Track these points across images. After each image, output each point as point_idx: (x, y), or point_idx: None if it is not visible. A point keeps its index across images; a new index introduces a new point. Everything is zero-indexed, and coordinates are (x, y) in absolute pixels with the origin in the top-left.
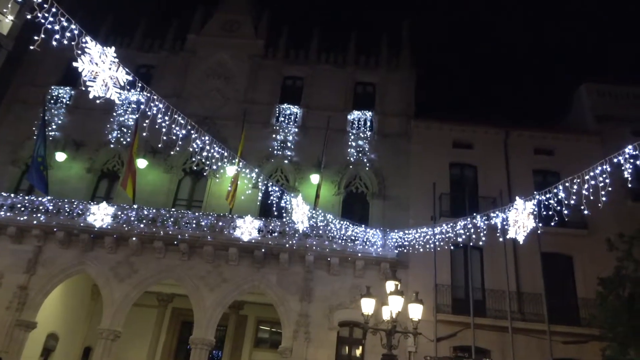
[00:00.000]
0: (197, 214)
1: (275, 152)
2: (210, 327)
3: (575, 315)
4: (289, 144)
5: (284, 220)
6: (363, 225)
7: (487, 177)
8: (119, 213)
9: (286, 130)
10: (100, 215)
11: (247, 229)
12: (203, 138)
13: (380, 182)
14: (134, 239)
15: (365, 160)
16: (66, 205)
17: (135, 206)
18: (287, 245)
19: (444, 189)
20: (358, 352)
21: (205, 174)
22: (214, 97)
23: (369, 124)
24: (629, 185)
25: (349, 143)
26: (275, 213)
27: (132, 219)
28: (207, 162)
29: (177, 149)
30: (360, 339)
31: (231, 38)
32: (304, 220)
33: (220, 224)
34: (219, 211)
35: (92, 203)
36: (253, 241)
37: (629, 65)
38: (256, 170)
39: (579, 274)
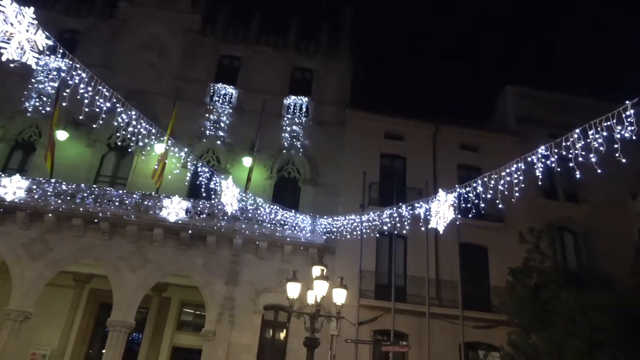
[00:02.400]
0: (120, 191)
1: (207, 132)
2: (131, 309)
3: (487, 302)
4: (222, 125)
5: (213, 202)
6: (293, 211)
7: (415, 169)
8: (34, 187)
9: (220, 111)
10: (12, 188)
11: (174, 209)
12: (129, 112)
13: (313, 169)
14: (49, 215)
15: (299, 146)
16: None
17: (52, 180)
18: (215, 228)
19: (374, 178)
20: (282, 335)
21: (130, 150)
22: (145, 71)
23: (304, 110)
24: (540, 184)
25: (284, 128)
26: (204, 194)
27: (49, 194)
28: (133, 138)
29: (100, 122)
30: (285, 322)
31: (166, 10)
32: (233, 203)
33: (146, 203)
34: (145, 190)
35: (3, 175)
36: (180, 222)
37: (552, 72)
38: (185, 149)
39: (492, 264)
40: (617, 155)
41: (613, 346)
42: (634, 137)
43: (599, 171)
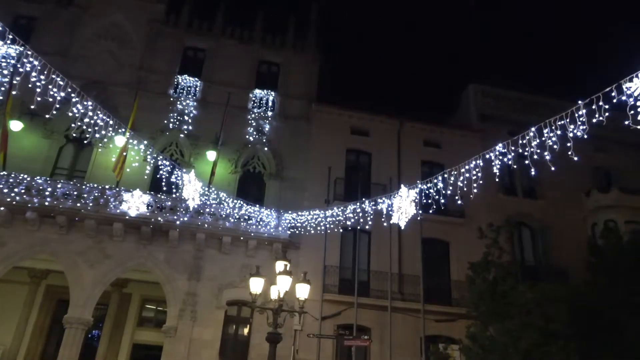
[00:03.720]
0: (78, 184)
1: (171, 124)
2: (89, 306)
3: (448, 296)
4: (186, 118)
5: (176, 196)
6: (257, 205)
7: (380, 165)
8: None
9: (184, 103)
10: None
11: (135, 203)
12: (86, 103)
13: (278, 163)
14: (1, 208)
15: (264, 140)
16: None
17: (5, 172)
18: (178, 223)
19: (340, 173)
20: (245, 330)
21: (86, 141)
22: (105, 61)
23: (270, 104)
24: (497, 180)
25: (249, 122)
26: (165, 188)
27: (1, 186)
28: (90, 130)
29: (54, 112)
30: (248, 317)
31: None
32: (195, 197)
33: (105, 196)
34: (105, 183)
35: None
36: (141, 216)
37: (513, 70)
38: (145, 142)
39: (453, 259)
40: (569, 153)
41: (566, 336)
42: (585, 136)
43: (553, 168)
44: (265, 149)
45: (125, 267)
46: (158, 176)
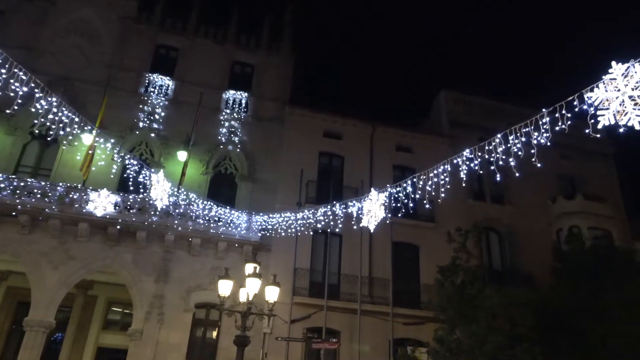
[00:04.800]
0: (42, 183)
1: (141, 123)
2: (51, 308)
3: (417, 299)
4: (157, 117)
5: (144, 196)
6: (228, 207)
7: (352, 168)
8: None
9: (155, 102)
10: None
11: (102, 203)
12: (50, 99)
13: (251, 165)
14: None
15: (237, 141)
16: None
17: None
18: (146, 223)
19: (312, 176)
20: (214, 333)
21: (50, 139)
22: (74, 57)
23: (244, 105)
24: (464, 185)
25: (222, 122)
26: (132, 188)
27: None
28: (54, 127)
29: (16, 107)
30: (217, 320)
31: None
32: (163, 197)
33: (71, 196)
34: (71, 182)
35: None
36: (108, 217)
37: (483, 78)
38: (112, 140)
39: (423, 262)
40: (533, 160)
41: (531, 339)
42: (549, 144)
43: (517, 174)
44: (238, 150)
45: (90, 268)
46: (126, 176)
